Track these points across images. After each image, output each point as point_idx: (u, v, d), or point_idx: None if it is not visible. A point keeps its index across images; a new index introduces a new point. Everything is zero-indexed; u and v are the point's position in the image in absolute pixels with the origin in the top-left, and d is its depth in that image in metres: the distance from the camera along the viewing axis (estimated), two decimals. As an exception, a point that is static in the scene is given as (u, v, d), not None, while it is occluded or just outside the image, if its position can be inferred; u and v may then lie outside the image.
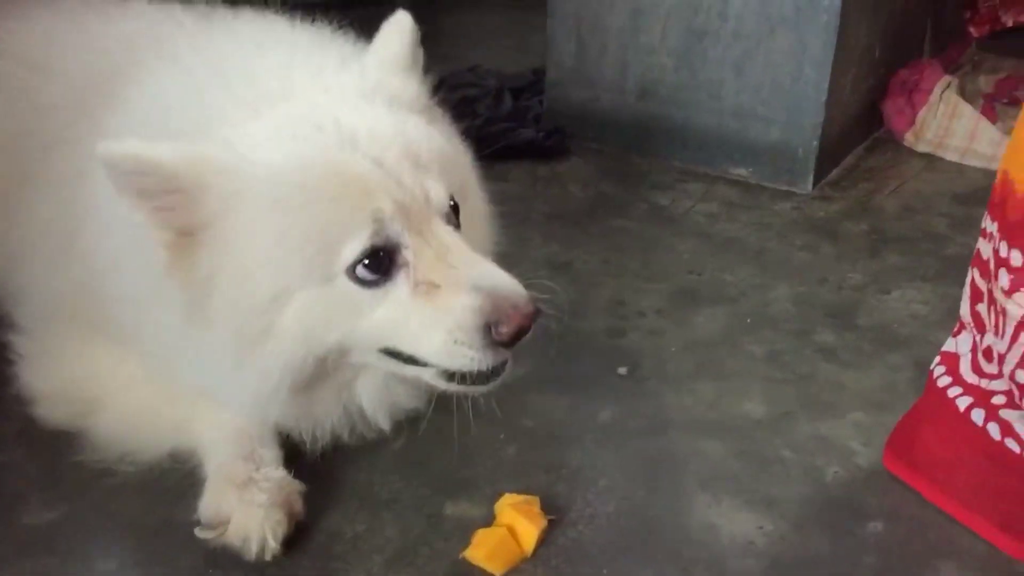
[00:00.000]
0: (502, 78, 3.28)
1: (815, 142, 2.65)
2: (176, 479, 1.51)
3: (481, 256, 1.40)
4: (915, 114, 2.95)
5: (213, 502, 1.40)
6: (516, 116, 3.03)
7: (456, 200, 1.44)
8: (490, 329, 1.32)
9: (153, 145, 1.27)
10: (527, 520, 1.43)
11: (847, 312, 2.11)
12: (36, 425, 1.57)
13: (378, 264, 1.33)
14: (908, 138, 2.98)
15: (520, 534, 1.42)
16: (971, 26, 3.33)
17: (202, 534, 1.38)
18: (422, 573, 1.39)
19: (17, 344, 1.63)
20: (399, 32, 1.52)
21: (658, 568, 1.41)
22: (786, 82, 2.63)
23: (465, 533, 1.44)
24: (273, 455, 1.49)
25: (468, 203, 1.51)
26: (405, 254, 1.34)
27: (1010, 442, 1.45)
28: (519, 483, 1.55)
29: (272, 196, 1.30)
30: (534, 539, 1.42)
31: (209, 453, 1.49)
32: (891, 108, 3.00)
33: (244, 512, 1.38)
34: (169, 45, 1.62)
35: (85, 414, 1.55)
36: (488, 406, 1.70)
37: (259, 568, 1.37)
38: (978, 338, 1.50)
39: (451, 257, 1.35)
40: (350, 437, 1.57)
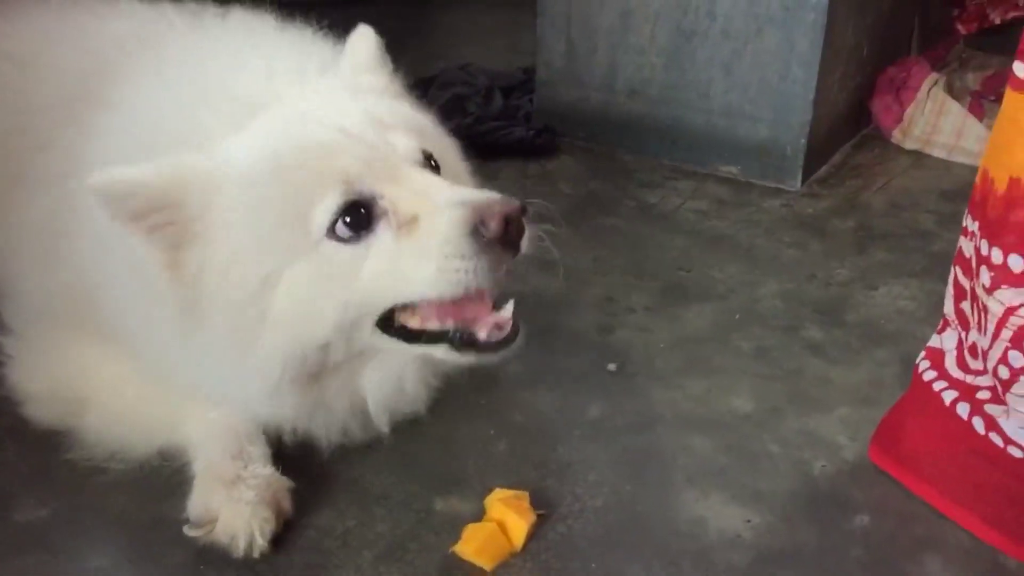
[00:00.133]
0: (492, 77, 3.28)
1: (803, 140, 2.66)
2: (166, 477, 1.51)
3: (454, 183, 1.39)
4: (903, 111, 2.96)
5: (201, 500, 1.41)
6: (506, 115, 3.03)
7: (434, 157, 1.43)
8: (479, 234, 1.28)
9: (136, 167, 1.30)
10: (517, 515, 1.43)
11: (835, 308, 2.12)
12: (26, 424, 1.58)
13: (357, 219, 1.32)
14: (896, 135, 2.99)
15: (510, 529, 1.43)
16: (959, 23, 3.34)
17: (190, 532, 1.39)
18: (412, 568, 1.40)
19: (6, 344, 1.63)
20: (365, 41, 1.58)
21: (646, 562, 1.42)
22: (774, 81, 2.64)
23: (455, 528, 1.44)
24: (261, 453, 1.49)
25: (452, 173, 1.50)
26: (382, 204, 1.33)
27: (994, 436, 1.46)
28: (509, 479, 1.55)
29: (243, 185, 1.33)
30: (524, 534, 1.42)
31: (197, 451, 1.49)
32: (879, 105, 3.02)
33: (232, 510, 1.38)
34: (158, 47, 1.63)
35: (74, 413, 1.55)
36: (478, 402, 1.72)
37: (250, 564, 1.38)
38: (963, 335, 1.52)
39: (428, 190, 1.34)
40: (363, 434, 1.57)
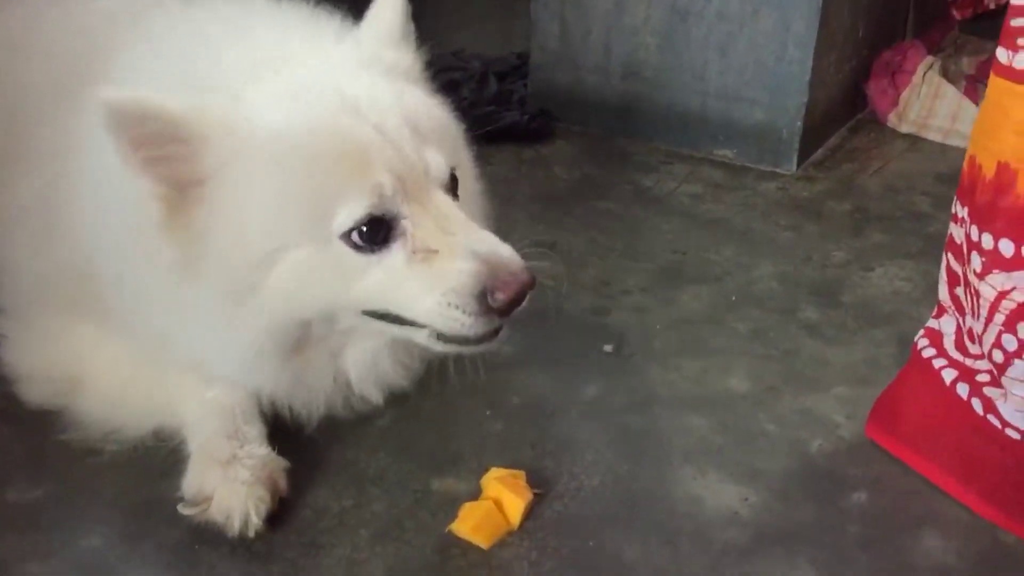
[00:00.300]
0: (486, 62, 3.27)
1: (799, 123, 2.66)
2: (160, 457, 1.50)
3: (479, 226, 1.40)
4: (898, 95, 2.96)
5: (196, 479, 1.40)
6: (500, 99, 3.02)
7: (455, 172, 1.44)
8: (485, 296, 1.31)
9: (158, 94, 1.27)
10: (513, 493, 1.43)
11: (831, 289, 2.12)
12: (20, 404, 1.57)
13: (375, 233, 1.32)
14: (891, 119, 2.99)
15: (506, 507, 1.42)
16: (954, 8, 3.33)
17: (185, 510, 1.38)
18: (409, 547, 1.39)
19: (0, 324, 1.62)
20: (391, 7, 1.53)
21: (643, 539, 1.42)
22: (770, 63, 2.63)
23: (452, 508, 1.44)
24: (257, 433, 1.48)
25: (462, 177, 1.51)
26: (404, 224, 1.33)
27: (992, 418, 1.46)
28: (505, 458, 1.55)
29: (272, 154, 1.30)
30: (520, 512, 1.42)
31: (193, 431, 1.48)
32: (874, 89, 3.01)
33: (227, 489, 1.38)
34: (152, 23, 1.61)
35: (68, 393, 1.54)
36: (474, 383, 1.71)
37: (246, 543, 1.37)
38: (960, 320, 1.52)
39: (450, 225, 1.35)
40: (344, 410, 1.56)
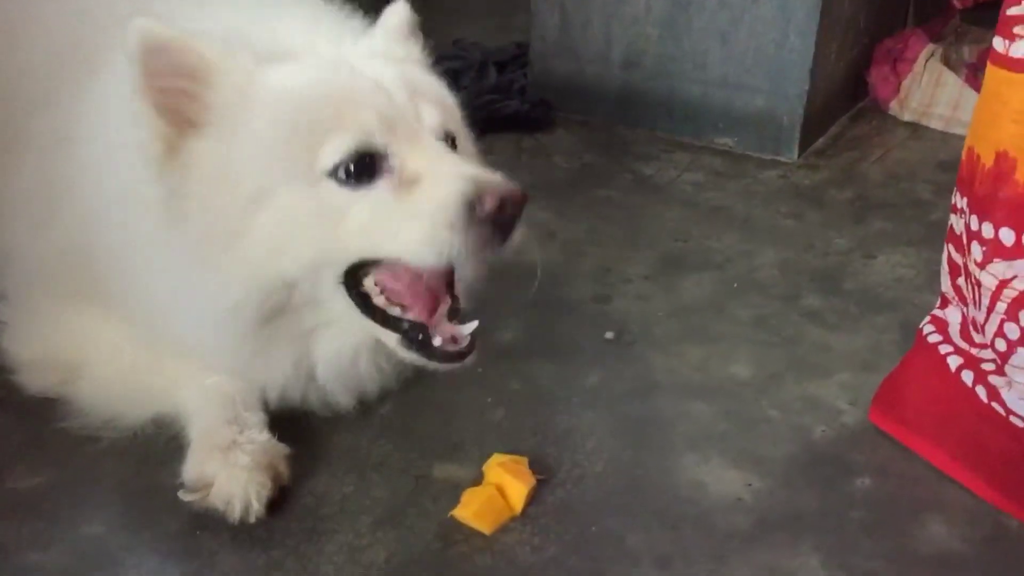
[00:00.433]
0: (486, 51, 3.26)
1: (800, 110, 2.65)
2: (160, 445, 1.50)
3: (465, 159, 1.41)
4: (900, 83, 2.95)
5: (197, 465, 1.40)
6: (500, 89, 3.01)
7: (454, 135, 1.45)
8: (473, 209, 1.29)
9: (184, 32, 1.32)
10: (516, 479, 1.42)
11: (833, 276, 2.11)
12: (19, 391, 1.56)
13: (361, 168, 1.33)
14: (893, 107, 2.98)
15: (509, 493, 1.42)
16: (954, -3, 3.33)
17: (185, 496, 1.38)
18: (411, 533, 1.39)
19: (0, 311, 1.61)
20: (398, 15, 1.57)
21: (646, 525, 1.41)
22: (771, 50, 2.62)
23: (454, 494, 1.43)
24: (258, 419, 1.48)
25: (463, 145, 1.52)
26: (391, 161, 1.35)
27: (996, 406, 1.46)
28: (507, 445, 1.54)
29: (269, 102, 1.34)
30: (523, 498, 1.41)
31: (193, 417, 1.47)
32: (876, 77, 3.00)
33: (228, 475, 1.37)
34: (150, 8, 1.60)
35: (68, 380, 1.53)
36: (475, 371, 1.70)
37: (247, 529, 1.36)
38: (964, 311, 1.51)
39: (438, 159, 1.36)
40: (308, 404, 1.55)
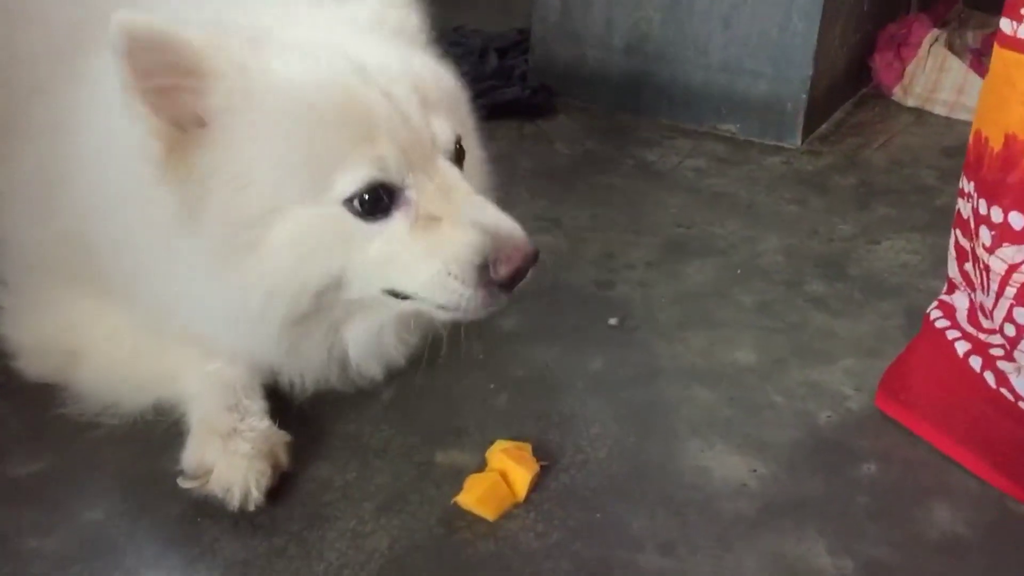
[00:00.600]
0: (486, 37, 3.24)
1: (803, 96, 2.63)
2: (160, 431, 1.48)
3: (483, 197, 1.39)
4: (903, 68, 2.93)
5: (197, 452, 1.38)
6: (501, 74, 3.00)
7: (462, 143, 1.42)
8: (487, 268, 1.30)
9: (177, 23, 1.24)
10: (519, 465, 1.41)
11: (837, 262, 2.10)
12: (18, 377, 1.55)
13: (377, 202, 1.31)
14: (897, 92, 2.96)
15: (512, 479, 1.41)
16: (959, -19, 3.31)
17: (185, 484, 1.37)
18: (414, 519, 1.38)
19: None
20: None
21: (650, 511, 1.40)
22: (774, 33, 2.60)
23: (456, 480, 1.42)
24: (258, 406, 1.46)
25: (467, 146, 1.49)
26: (407, 194, 1.33)
27: (1005, 392, 1.45)
28: (510, 431, 1.53)
29: (281, 107, 1.28)
30: (526, 484, 1.40)
31: (193, 404, 1.46)
32: (880, 62, 2.99)
33: (228, 462, 1.36)
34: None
35: (67, 366, 1.52)
36: (478, 357, 1.70)
37: (248, 516, 1.35)
38: (972, 296, 1.50)
39: (454, 195, 1.34)
40: (340, 384, 1.54)
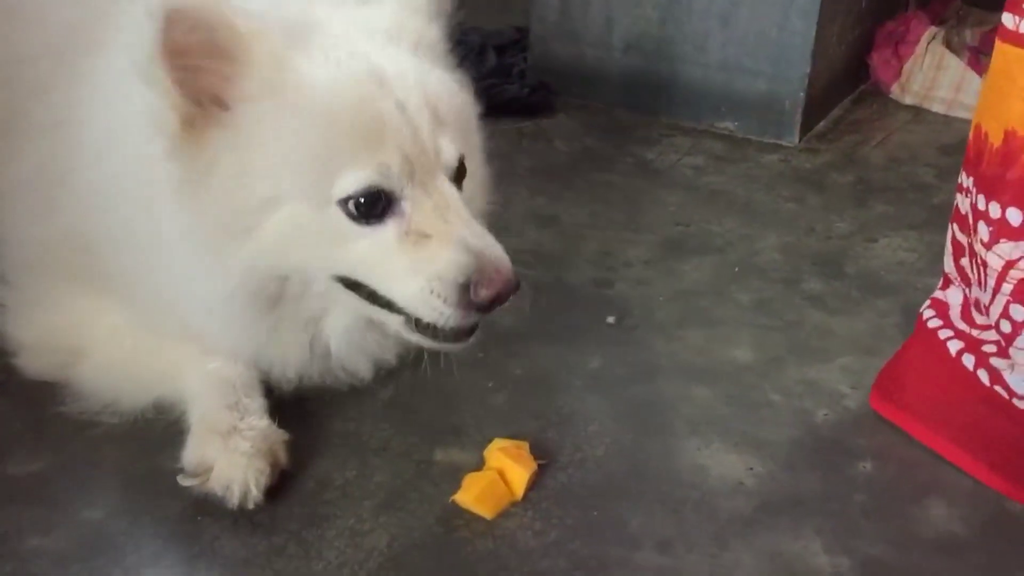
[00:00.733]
0: (485, 36, 3.24)
1: (801, 94, 2.64)
2: (159, 430, 1.49)
3: (475, 220, 1.40)
4: (901, 66, 2.94)
5: (197, 450, 1.40)
6: (500, 73, 3.00)
7: (464, 161, 1.44)
8: (468, 289, 1.32)
9: (224, 4, 1.26)
10: (517, 464, 1.42)
11: (835, 260, 2.10)
12: (19, 376, 1.56)
13: (373, 206, 1.33)
14: (895, 90, 2.97)
15: (510, 477, 1.41)
16: (956, -21, 3.31)
17: (184, 481, 1.38)
18: (412, 517, 1.38)
19: (0, 295, 1.60)
20: None
21: (648, 509, 1.41)
22: (772, 32, 2.61)
23: (455, 479, 1.43)
24: (258, 405, 1.47)
25: (471, 160, 1.50)
26: (403, 204, 1.35)
27: (999, 389, 1.45)
28: (508, 430, 1.54)
29: (301, 104, 1.31)
30: (524, 482, 1.41)
31: (193, 402, 1.47)
32: (878, 60, 2.99)
33: (227, 460, 1.37)
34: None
35: (68, 364, 1.53)
36: (476, 355, 1.70)
37: (248, 514, 1.36)
38: (966, 291, 1.50)
39: (448, 214, 1.36)
40: (327, 379, 1.55)
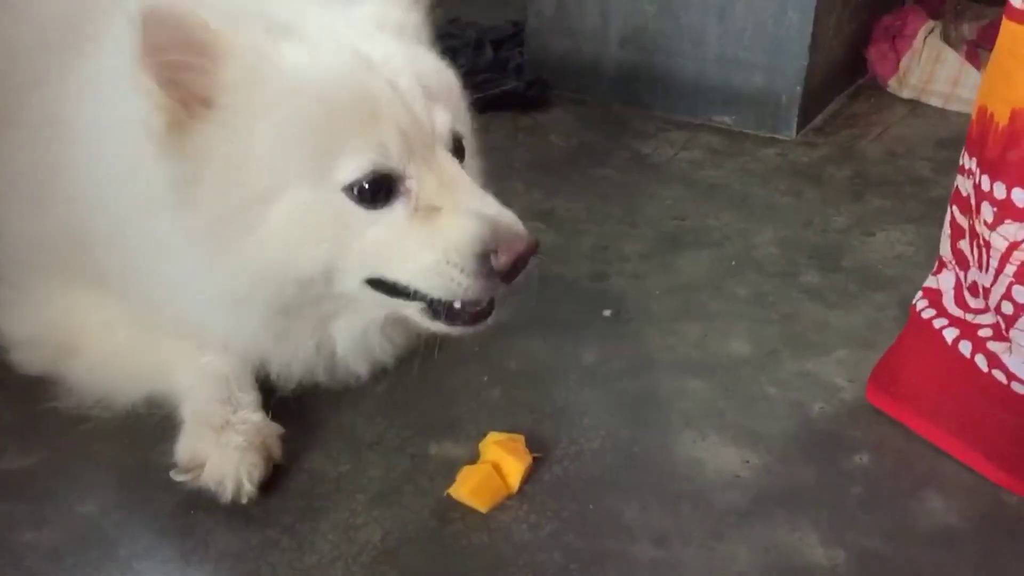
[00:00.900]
0: (481, 29, 3.23)
1: (798, 87, 2.63)
2: (152, 425, 1.48)
3: (483, 190, 1.40)
4: (899, 60, 2.93)
5: (189, 445, 1.39)
6: (496, 67, 2.98)
7: (461, 136, 1.44)
8: (487, 258, 1.31)
9: (197, 5, 1.26)
10: (512, 457, 1.41)
11: (832, 254, 2.10)
12: (10, 371, 1.55)
13: (377, 190, 1.32)
14: (892, 84, 2.96)
15: (505, 471, 1.41)
16: (953, -27, 3.30)
17: (177, 476, 1.37)
18: (407, 511, 1.38)
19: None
20: None
21: (643, 502, 1.40)
22: (769, 26, 2.60)
23: (450, 472, 1.42)
24: (251, 399, 1.47)
25: (465, 142, 1.50)
26: (408, 183, 1.34)
27: (997, 373, 1.44)
28: (504, 423, 1.53)
29: (288, 89, 1.30)
30: (520, 475, 1.40)
31: (186, 397, 1.46)
32: (875, 54, 2.98)
33: (220, 454, 1.36)
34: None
35: (61, 359, 1.52)
36: (471, 349, 1.70)
37: (242, 508, 1.35)
38: (961, 275, 1.50)
39: (454, 185, 1.35)
40: (326, 379, 1.55)
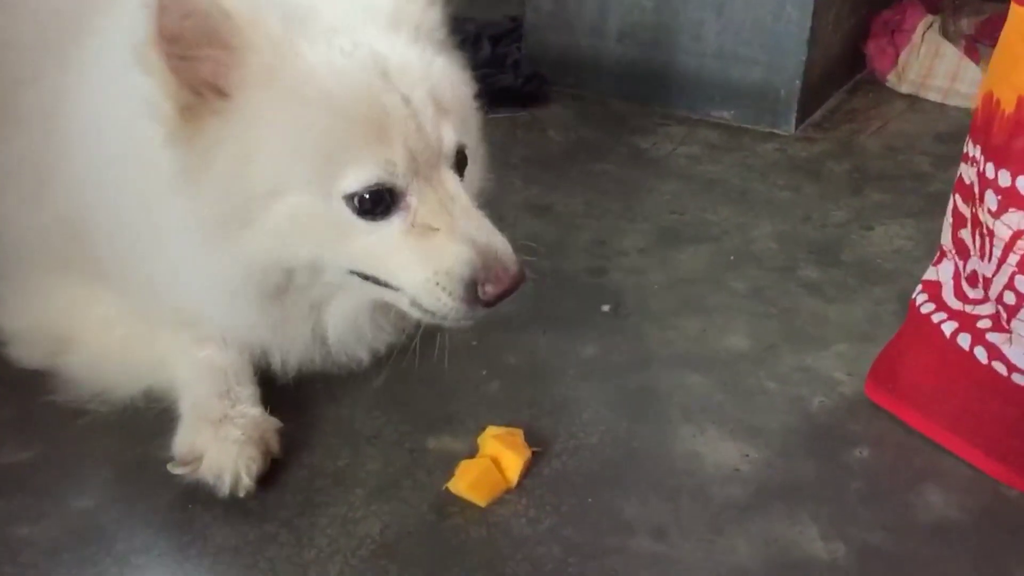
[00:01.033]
0: (480, 24, 3.23)
1: (797, 82, 2.63)
2: (150, 418, 1.48)
3: (480, 212, 1.40)
4: (897, 55, 2.93)
5: (188, 438, 1.39)
6: (494, 63, 2.98)
7: (466, 151, 1.43)
8: (475, 286, 1.32)
9: None
10: (511, 451, 1.41)
11: (831, 248, 2.10)
12: (8, 365, 1.54)
13: (378, 202, 1.32)
14: (891, 79, 2.96)
15: (504, 465, 1.41)
16: (953, -32, 3.30)
17: (175, 470, 1.37)
18: (405, 505, 1.37)
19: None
20: None
21: (642, 496, 1.40)
22: (768, 20, 2.59)
23: (448, 467, 1.42)
24: (250, 393, 1.47)
25: (470, 137, 1.49)
26: (408, 199, 1.34)
27: (997, 365, 1.44)
28: (502, 418, 1.53)
29: (305, 93, 1.28)
30: (518, 470, 1.40)
31: (185, 391, 1.46)
32: (874, 49, 2.98)
33: (218, 448, 1.36)
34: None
35: (59, 353, 1.52)
36: (470, 343, 1.69)
37: (240, 502, 1.35)
38: (961, 264, 1.50)
39: (453, 207, 1.36)
40: (324, 365, 1.54)
